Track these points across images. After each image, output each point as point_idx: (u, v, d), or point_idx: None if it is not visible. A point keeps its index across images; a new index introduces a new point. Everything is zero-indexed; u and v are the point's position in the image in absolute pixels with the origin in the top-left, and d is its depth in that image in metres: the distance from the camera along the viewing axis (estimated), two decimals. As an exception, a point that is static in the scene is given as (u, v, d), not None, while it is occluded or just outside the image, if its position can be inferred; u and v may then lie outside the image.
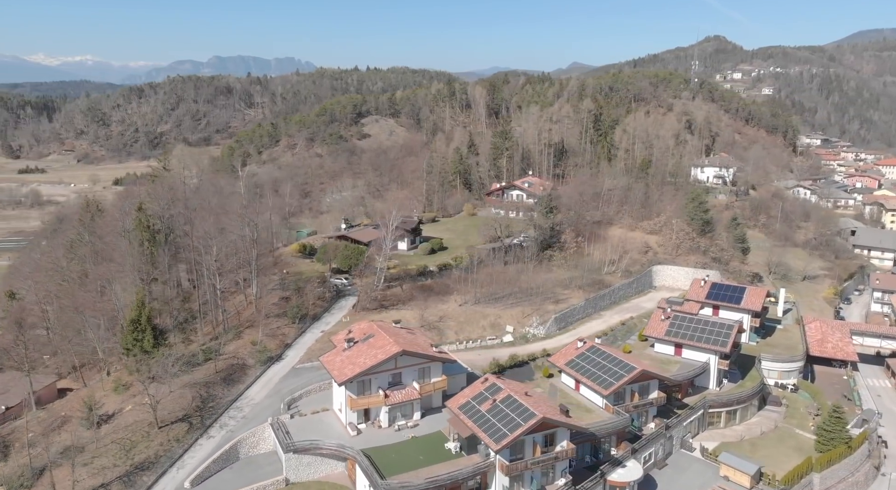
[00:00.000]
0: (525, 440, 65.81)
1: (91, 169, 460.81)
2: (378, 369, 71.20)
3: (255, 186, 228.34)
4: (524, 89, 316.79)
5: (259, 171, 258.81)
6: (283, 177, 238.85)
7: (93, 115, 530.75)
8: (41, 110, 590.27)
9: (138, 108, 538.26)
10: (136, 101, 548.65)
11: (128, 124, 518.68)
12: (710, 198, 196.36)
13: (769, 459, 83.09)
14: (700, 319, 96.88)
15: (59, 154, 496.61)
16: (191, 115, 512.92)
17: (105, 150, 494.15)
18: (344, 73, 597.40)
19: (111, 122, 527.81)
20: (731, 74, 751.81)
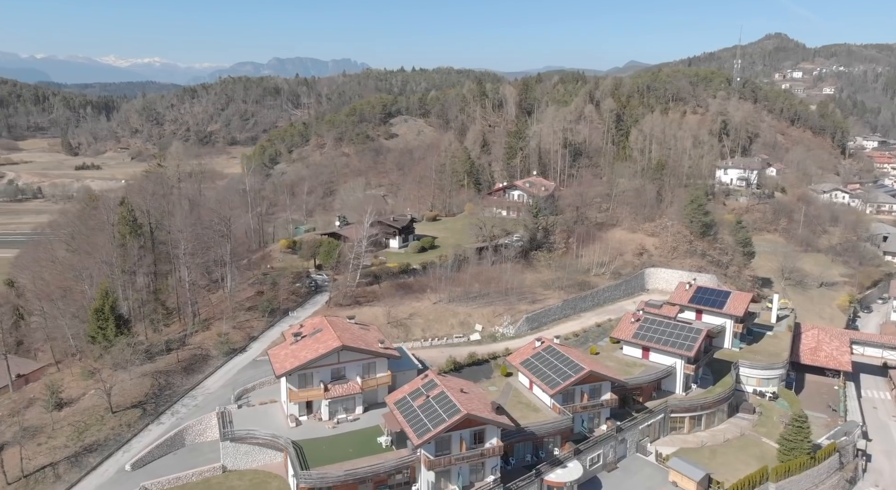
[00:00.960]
0: (452, 436, 66.51)
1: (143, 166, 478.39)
2: (318, 363, 72.86)
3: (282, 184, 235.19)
4: (555, 89, 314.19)
5: (288, 170, 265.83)
6: (310, 175, 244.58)
7: (147, 115, 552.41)
8: (101, 109, 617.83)
9: (191, 108, 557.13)
10: (188, 102, 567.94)
11: (180, 123, 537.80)
12: (731, 201, 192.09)
13: (726, 467, 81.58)
14: (669, 323, 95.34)
15: (114, 152, 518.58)
16: (239, 115, 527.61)
17: (157, 148, 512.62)
18: (389, 74, 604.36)
19: (164, 121, 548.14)
20: (791, 73, 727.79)
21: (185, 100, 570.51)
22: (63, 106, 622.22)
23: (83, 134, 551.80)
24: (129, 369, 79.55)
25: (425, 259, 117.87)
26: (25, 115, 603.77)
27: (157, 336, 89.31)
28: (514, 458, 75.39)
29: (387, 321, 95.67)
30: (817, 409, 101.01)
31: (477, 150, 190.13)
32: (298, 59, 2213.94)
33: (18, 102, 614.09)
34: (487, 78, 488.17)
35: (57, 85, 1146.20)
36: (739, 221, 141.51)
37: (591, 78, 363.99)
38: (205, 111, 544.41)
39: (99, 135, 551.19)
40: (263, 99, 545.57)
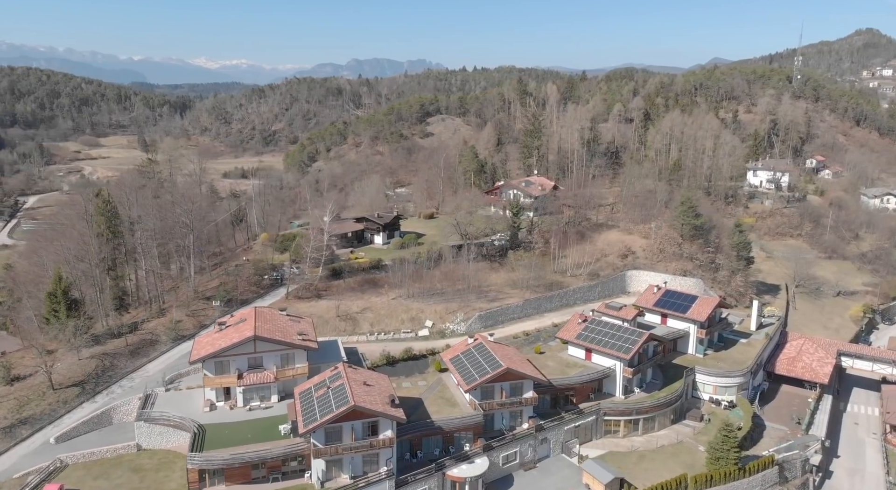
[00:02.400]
0: (343, 426, 68.24)
1: (210, 163, 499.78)
2: (232, 352, 75.97)
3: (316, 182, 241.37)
4: (597, 87, 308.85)
5: (324, 168, 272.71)
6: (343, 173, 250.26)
7: (217, 114, 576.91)
8: (176, 109, 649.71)
9: (257, 107, 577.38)
10: (256, 101, 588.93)
11: (246, 122, 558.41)
12: (755, 203, 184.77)
13: (650, 473, 79.85)
14: (613, 325, 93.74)
15: (185, 149, 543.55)
16: (302, 115, 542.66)
17: (224, 146, 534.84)
18: (449, 73, 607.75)
19: (232, 120, 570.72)
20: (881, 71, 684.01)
21: (253, 100, 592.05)
22: (143, 105, 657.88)
23: (158, 132, 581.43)
24: (78, 350, 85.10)
25: (399, 255, 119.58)
26: (108, 113, 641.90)
27: (117, 321, 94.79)
28: (423, 451, 76.27)
29: (336, 315, 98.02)
30: (781, 421, 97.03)
31: (491, 149, 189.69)
32: (375, 60, 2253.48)
33: (102, 102, 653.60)
34: (550, 76, 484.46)
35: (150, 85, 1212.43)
36: (738, 225, 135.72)
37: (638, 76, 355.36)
38: (270, 111, 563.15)
39: (172, 132, 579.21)
40: (326, 99, 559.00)
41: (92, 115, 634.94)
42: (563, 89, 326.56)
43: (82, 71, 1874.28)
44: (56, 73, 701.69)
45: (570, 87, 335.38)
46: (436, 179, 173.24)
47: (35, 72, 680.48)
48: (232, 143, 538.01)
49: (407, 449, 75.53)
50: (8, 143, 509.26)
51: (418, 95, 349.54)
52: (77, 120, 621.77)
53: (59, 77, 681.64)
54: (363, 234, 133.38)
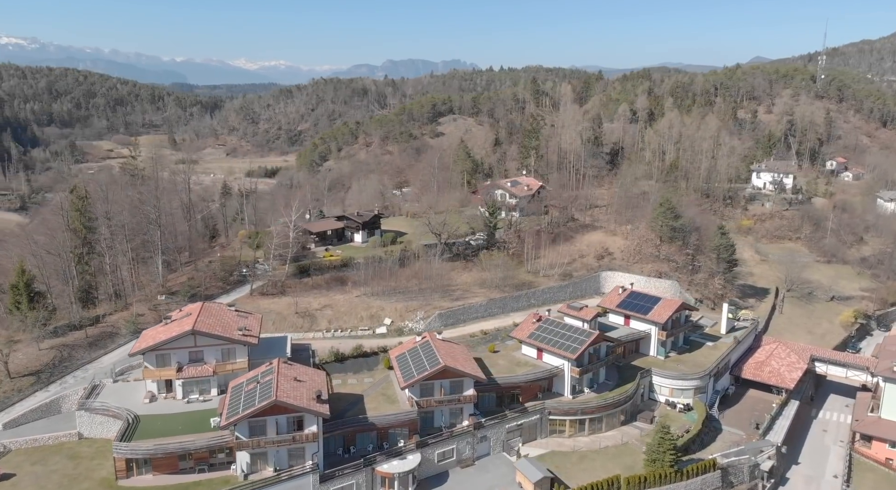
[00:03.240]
0: (267, 421, 69.54)
1: (236, 162, 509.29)
2: (172, 345, 77.81)
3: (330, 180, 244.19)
4: (611, 87, 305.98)
5: (334, 167, 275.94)
6: (351, 172, 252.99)
7: (245, 114, 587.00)
8: (207, 109, 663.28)
9: (284, 107, 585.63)
10: (283, 102, 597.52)
11: (273, 122, 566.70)
12: (755, 205, 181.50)
13: (588, 473, 79.75)
14: (564, 325, 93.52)
15: (213, 148, 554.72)
16: (327, 115, 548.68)
17: (251, 146, 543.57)
18: (475, 73, 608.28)
19: (260, 120, 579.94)
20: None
21: (281, 100, 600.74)
22: (175, 105, 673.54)
23: (188, 131, 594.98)
24: (38, 341, 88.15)
25: (372, 254, 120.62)
26: (141, 113, 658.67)
27: (82, 313, 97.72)
28: (356, 447, 77.14)
29: (295, 312, 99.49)
30: (741, 426, 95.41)
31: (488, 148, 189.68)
32: (410, 61, 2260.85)
33: (136, 102, 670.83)
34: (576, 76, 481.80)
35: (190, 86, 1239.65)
36: (721, 227, 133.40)
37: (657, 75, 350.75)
38: (297, 111, 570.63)
39: (201, 132, 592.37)
40: (351, 99, 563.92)
41: (126, 115, 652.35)
42: (578, 89, 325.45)
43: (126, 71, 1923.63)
44: (93, 74, 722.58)
45: (586, 87, 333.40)
46: (429, 179, 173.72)
47: (72, 72, 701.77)
48: (258, 142, 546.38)
49: (340, 444, 76.47)
50: (43, 141, 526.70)
51: (430, 95, 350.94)
52: (111, 119, 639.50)
53: (95, 77, 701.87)
54: (344, 232, 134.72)
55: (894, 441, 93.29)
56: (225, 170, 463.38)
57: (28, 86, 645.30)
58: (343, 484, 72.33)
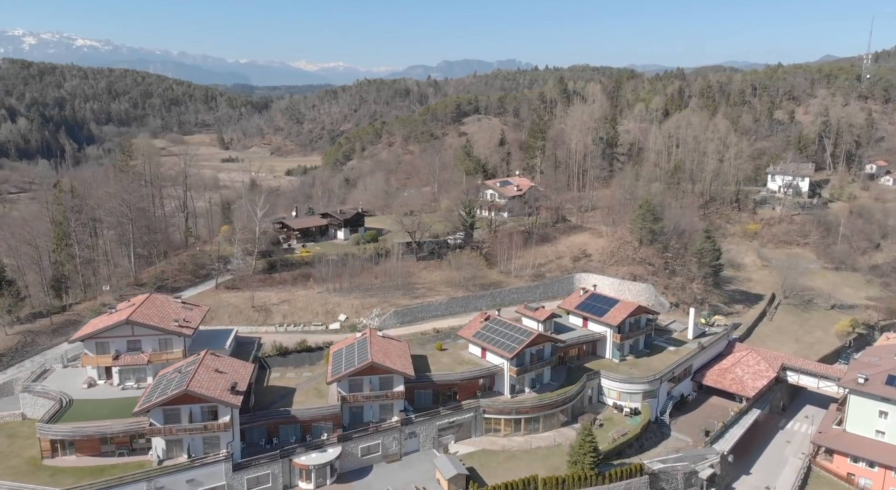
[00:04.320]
0: (181, 409, 71.91)
1: (279, 161, 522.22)
2: (109, 333, 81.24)
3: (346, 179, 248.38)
4: (640, 87, 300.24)
5: (357, 166, 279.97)
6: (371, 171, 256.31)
7: (291, 114, 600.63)
8: (256, 109, 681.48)
9: (329, 108, 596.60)
10: (328, 103, 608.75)
11: (317, 122, 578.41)
12: (766, 210, 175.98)
13: (510, 472, 79.56)
14: (509, 325, 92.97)
15: (258, 147, 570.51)
16: (369, 116, 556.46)
17: (294, 145, 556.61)
18: (518, 73, 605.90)
19: (304, 120, 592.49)
20: None
21: (326, 101, 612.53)
22: (226, 105, 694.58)
23: (236, 131, 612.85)
24: (4, 326, 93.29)
25: (346, 251, 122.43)
26: (195, 113, 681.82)
27: (53, 302, 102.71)
28: (280, 438, 78.80)
29: (251, 305, 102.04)
30: (691, 432, 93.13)
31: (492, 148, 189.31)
32: (465, 61, 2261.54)
33: (190, 102, 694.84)
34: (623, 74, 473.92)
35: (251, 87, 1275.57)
36: (706, 231, 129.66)
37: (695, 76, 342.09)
38: (340, 111, 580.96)
39: (248, 131, 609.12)
40: (393, 100, 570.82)
41: (180, 115, 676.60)
42: (609, 88, 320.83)
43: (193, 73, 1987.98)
44: (150, 75, 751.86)
45: (618, 87, 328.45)
46: (429, 178, 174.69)
47: (131, 73, 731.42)
48: (302, 142, 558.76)
49: (263, 435, 78.25)
50: (99, 139, 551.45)
51: (455, 95, 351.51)
52: (166, 119, 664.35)
53: (152, 78, 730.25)
54: (327, 229, 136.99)
55: (856, 456, 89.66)
56: (266, 168, 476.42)
57: (89, 86, 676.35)
58: (259, 473, 74.09)
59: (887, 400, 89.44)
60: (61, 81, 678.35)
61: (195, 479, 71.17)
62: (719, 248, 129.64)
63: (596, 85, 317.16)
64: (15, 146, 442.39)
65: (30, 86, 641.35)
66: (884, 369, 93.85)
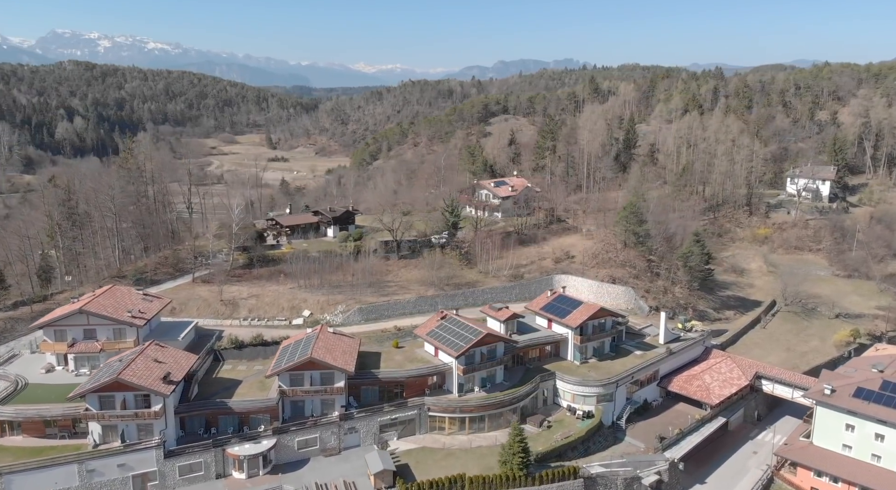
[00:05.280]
0: (115, 396, 74.75)
1: (322, 161, 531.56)
2: (67, 322, 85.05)
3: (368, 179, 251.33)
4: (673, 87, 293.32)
5: (381, 166, 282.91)
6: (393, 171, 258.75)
7: (336, 115, 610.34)
8: (305, 110, 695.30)
9: (373, 109, 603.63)
10: (373, 104, 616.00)
11: (360, 123, 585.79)
12: (780, 214, 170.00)
13: (444, 470, 79.42)
14: (462, 324, 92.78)
15: (304, 147, 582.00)
16: (411, 116, 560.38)
17: (338, 145, 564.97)
18: (564, 73, 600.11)
19: (349, 121, 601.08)
20: None
21: (371, 102, 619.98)
22: (277, 106, 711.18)
23: (283, 131, 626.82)
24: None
25: (328, 248, 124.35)
26: (246, 113, 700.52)
27: (40, 291, 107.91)
28: (218, 428, 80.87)
29: (220, 299, 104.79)
30: (647, 438, 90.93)
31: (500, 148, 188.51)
32: (521, 61, 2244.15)
33: (243, 103, 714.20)
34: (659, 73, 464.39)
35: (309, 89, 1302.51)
36: (696, 234, 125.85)
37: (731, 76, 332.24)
38: (384, 112, 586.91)
39: (295, 132, 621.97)
40: (436, 101, 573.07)
41: (232, 115, 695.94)
42: (644, 88, 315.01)
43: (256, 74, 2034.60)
44: (206, 77, 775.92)
45: (652, 86, 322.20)
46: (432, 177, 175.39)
47: (188, 75, 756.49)
48: (345, 142, 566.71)
49: (202, 425, 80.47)
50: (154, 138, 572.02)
51: (482, 96, 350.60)
52: (219, 119, 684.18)
53: (208, 80, 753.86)
54: (318, 227, 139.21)
55: (819, 470, 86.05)
56: (309, 168, 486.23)
57: (148, 87, 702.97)
58: (191, 461, 76.39)
59: (854, 413, 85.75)
60: (122, 83, 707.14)
61: (126, 463, 73.93)
62: (709, 251, 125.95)
63: (628, 84, 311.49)
64: (70, 144, 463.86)
65: (92, 87, 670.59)
66: (854, 381, 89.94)
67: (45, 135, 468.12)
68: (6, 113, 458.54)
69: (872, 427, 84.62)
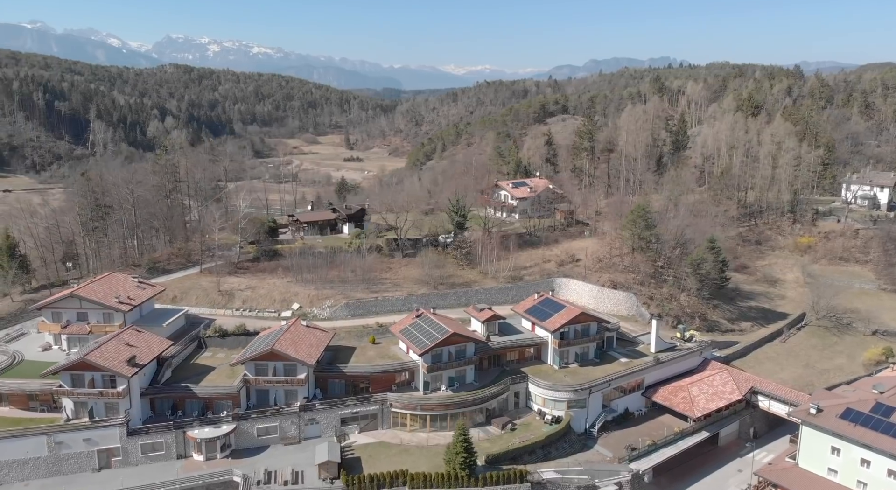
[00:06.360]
0: (84, 375, 79.82)
1: (394, 161, 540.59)
2: (59, 305, 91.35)
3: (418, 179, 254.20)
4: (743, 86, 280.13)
5: (434, 166, 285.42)
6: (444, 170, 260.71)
7: (411, 116, 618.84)
8: (383, 111, 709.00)
9: (447, 110, 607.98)
10: (448, 105, 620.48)
11: (434, 124, 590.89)
12: (829, 222, 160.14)
13: (393, 465, 79.78)
14: (433, 323, 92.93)
15: (379, 147, 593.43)
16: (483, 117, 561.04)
17: (410, 146, 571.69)
18: (646, 71, 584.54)
19: (423, 122, 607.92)
20: None
21: (446, 103, 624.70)
22: (358, 108, 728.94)
23: (361, 132, 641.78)
24: (10, 295, 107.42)
25: (334, 244, 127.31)
26: (329, 115, 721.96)
27: (62, 276, 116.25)
28: (184, 412, 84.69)
29: (217, 289, 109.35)
30: (619, 448, 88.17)
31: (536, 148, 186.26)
32: (615, 60, 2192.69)
33: (326, 104, 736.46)
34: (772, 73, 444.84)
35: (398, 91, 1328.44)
36: (711, 241, 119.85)
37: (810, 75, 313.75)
38: (457, 113, 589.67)
39: (372, 133, 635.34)
40: (510, 101, 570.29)
41: (316, 116, 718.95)
42: (715, 88, 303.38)
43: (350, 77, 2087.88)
44: (293, 79, 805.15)
45: (724, 85, 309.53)
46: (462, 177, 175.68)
47: (276, 78, 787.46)
48: (417, 143, 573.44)
49: (170, 407, 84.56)
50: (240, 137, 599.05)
51: (540, 96, 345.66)
52: (303, 120, 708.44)
53: (295, 82, 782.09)
54: (336, 223, 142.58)
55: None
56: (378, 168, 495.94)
57: (239, 89, 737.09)
58: (153, 440, 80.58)
59: (840, 435, 79.95)
60: (216, 85, 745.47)
61: (92, 438, 78.83)
62: (724, 258, 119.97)
63: (696, 83, 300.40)
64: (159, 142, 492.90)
65: (189, 89, 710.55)
66: (844, 401, 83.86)
67: (137, 133, 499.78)
68: (104, 112, 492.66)
69: (859, 451, 78.74)
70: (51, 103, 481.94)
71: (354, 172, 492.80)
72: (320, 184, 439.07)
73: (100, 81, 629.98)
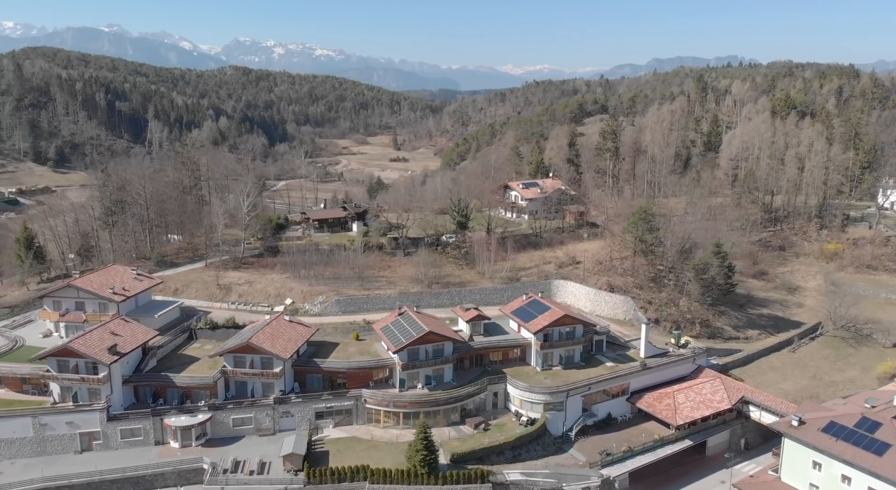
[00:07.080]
0: (69, 361, 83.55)
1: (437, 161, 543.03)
2: (59, 294, 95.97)
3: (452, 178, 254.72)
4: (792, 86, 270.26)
5: (467, 166, 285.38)
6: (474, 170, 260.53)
7: (458, 116, 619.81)
8: (431, 112, 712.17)
9: (495, 110, 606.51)
10: (495, 105, 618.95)
11: (480, 125, 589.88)
12: (860, 228, 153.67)
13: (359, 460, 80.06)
14: (413, 321, 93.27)
15: (425, 148, 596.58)
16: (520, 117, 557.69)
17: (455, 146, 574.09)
18: (704, 70, 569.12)
19: (470, 122, 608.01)
20: None
21: (494, 103, 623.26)
22: (408, 108, 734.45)
23: (408, 133, 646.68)
24: (27, 284, 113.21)
25: (340, 242, 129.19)
26: (379, 116, 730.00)
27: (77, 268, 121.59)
28: (165, 400, 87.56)
29: (217, 283, 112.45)
30: (594, 453, 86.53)
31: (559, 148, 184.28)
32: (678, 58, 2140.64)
33: (377, 105, 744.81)
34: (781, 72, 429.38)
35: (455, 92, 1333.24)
36: (717, 245, 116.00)
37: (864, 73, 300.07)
38: (504, 113, 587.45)
39: (419, 133, 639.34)
40: (557, 100, 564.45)
41: (367, 118, 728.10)
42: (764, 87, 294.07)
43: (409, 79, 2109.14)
44: (346, 81, 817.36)
45: (772, 85, 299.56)
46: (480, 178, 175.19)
47: (330, 79, 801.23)
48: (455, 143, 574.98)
49: (151, 394, 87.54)
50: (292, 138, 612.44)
51: (578, 97, 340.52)
52: (354, 121, 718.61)
53: (348, 84, 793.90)
54: (346, 221, 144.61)
55: (779, 509, 78.04)
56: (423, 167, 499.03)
57: (294, 91, 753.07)
58: (132, 426, 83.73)
59: (820, 450, 76.60)
60: (272, 86, 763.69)
61: (74, 422, 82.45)
62: (730, 264, 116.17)
63: (743, 83, 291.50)
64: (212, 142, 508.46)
65: (247, 90, 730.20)
66: (829, 414, 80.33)
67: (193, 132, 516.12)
68: (160, 112, 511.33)
69: (840, 467, 75.28)
70: (112, 103, 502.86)
71: (397, 172, 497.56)
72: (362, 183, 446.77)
73: (162, 82, 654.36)
